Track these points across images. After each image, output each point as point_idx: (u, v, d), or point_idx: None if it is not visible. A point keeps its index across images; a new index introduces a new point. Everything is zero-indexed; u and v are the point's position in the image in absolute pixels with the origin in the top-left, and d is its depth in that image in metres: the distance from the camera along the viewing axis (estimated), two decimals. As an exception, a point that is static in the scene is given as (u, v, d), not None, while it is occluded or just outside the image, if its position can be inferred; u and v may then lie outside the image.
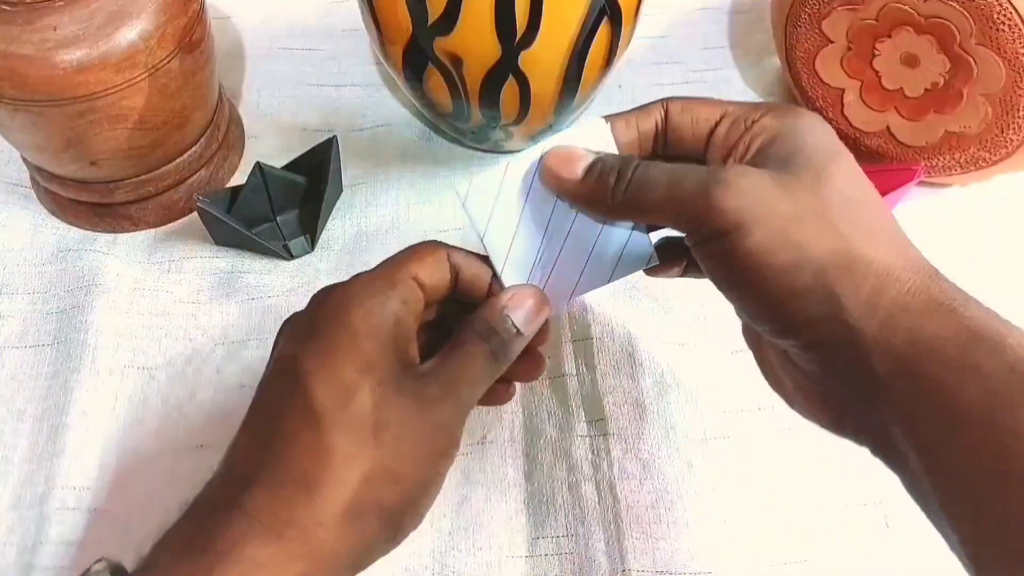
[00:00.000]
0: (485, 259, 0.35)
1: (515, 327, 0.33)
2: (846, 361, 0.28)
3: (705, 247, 0.29)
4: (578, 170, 0.32)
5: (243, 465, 0.29)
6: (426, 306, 0.33)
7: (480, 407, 0.48)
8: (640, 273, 0.36)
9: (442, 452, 0.31)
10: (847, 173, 0.29)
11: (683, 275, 0.36)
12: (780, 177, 0.29)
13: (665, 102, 0.33)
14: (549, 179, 0.33)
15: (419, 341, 0.33)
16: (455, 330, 0.33)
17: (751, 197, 0.28)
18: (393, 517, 0.29)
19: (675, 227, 0.31)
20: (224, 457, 0.30)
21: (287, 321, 0.33)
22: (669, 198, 0.30)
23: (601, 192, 0.31)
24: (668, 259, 0.36)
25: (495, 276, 0.35)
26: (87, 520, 0.44)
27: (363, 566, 0.30)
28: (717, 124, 0.32)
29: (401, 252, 0.33)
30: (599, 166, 0.32)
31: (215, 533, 0.27)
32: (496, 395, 0.36)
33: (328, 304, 0.31)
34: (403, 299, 0.31)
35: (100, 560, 0.29)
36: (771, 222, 0.28)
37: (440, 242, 0.34)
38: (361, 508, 0.28)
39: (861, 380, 0.28)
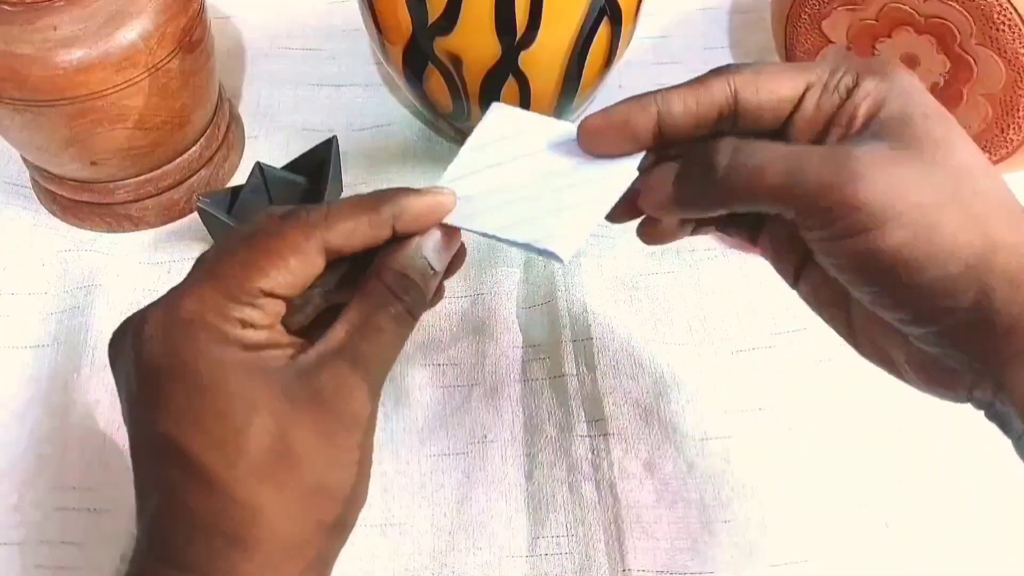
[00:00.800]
0: (385, 199, 0.29)
1: (432, 267, 0.29)
2: (983, 341, 0.26)
3: (837, 244, 0.27)
4: (667, 192, 0.29)
5: (164, 528, 0.26)
6: (299, 293, 0.28)
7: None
8: (639, 272, 0.35)
9: (359, 439, 0.27)
10: (963, 140, 0.27)
11: (693, 233, 0.34)
12: (911, 158, 0.26)
13: (728, 76, 0.29)
14: (648, 202, 0.30)
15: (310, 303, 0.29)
16: (355, 289, 0.28)
17: (894, 190, 0.26)
18: (332, 522, 0.27)
19: (790, 216, 0.27)
20: (137, 518, 0.28)
21: (113, 356, 0.29)
22: (788, 189, 0.26)
23: (702, 185, 0.28)
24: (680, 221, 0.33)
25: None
26: (87, 520, 0.44)
27: (329, 565, 0.28)
28: (802, 98, 0.28)
29: (234, 252, 0.27)
30: (685, 172, 0.29)
31: None
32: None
33: (150, 350, 0.26)
34: (248, 322, 0.27)
35: None
36: (919, 215, 0.26)
37: (306, 225, 0.28)
38: (294, 533, 0.26)
39: (997, 358, 0.26)
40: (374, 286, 0.28)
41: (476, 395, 0.48)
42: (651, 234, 0.33)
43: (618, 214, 0.32)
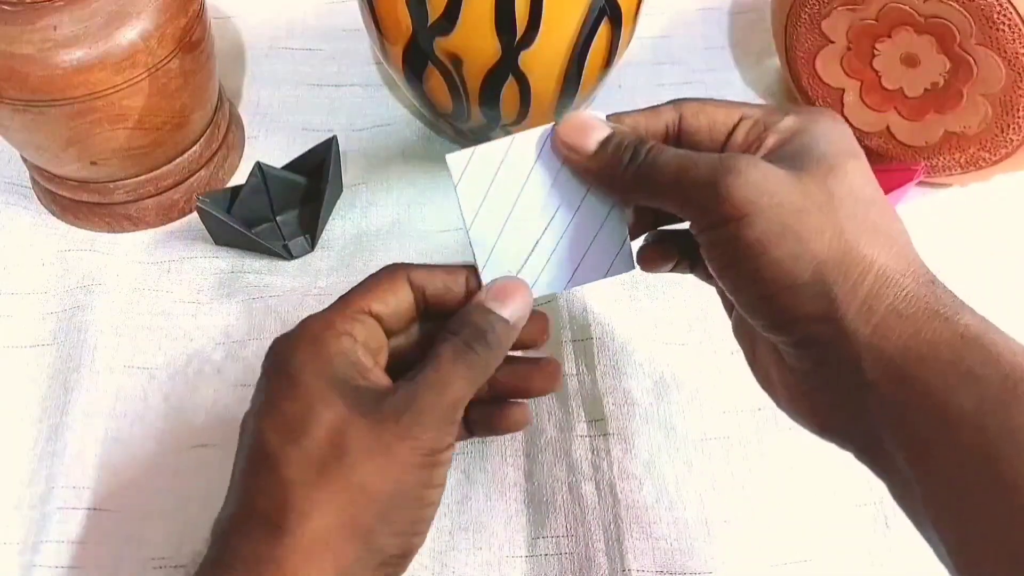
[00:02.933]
0: (460, 267, 0.34)
1: (494, 312, 0.32)
2: (837, 362, 0.28)
3: (709, 234, 0.29)
4: (592, 142, 0.32)
5: (221, 526, 0.30)
6: (395, 333, 0.33)
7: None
8: (639, 272, 0.36)
9: (415, 463, 0.29)
10: (860, 173, 0.29)
11: (674, 270, 0.37)
12: (791, 170, 0.29)
13: (679, 105, 0.33)
14: (561, 147, 0.32)
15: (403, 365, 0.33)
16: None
17: (759, 187, 0.28)
18: (368, 536, 0.29)
19: (681, 213, 0.31)
20: (212, 527, 0.31)
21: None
22: (678, 182, 0.30)
23: (612, 167, 0.31)
24: (663, 252, 0.36)
25: (475, 273, 0.34)
26: (87, 520, 0.44)
27: None
28: (735, 127, 0.32)
29: (355, 287, 0.33)
30: (615, 140, 0.31)
31: None
32: (508, 417, 0.35)
33: (272, 356, 0.31)
34: (347, 332, 0.31)
35: None
36: (776, 213, 0.28)
37: (399, 265, 0.33)
38: (329, 533, 0.28)
39: (850, 382, 0.28)
40: (446, 335, 0.31)
41: (476, 395, 0.48)
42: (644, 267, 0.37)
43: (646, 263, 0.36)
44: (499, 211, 0.33)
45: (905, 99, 0.53)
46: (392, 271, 0.33)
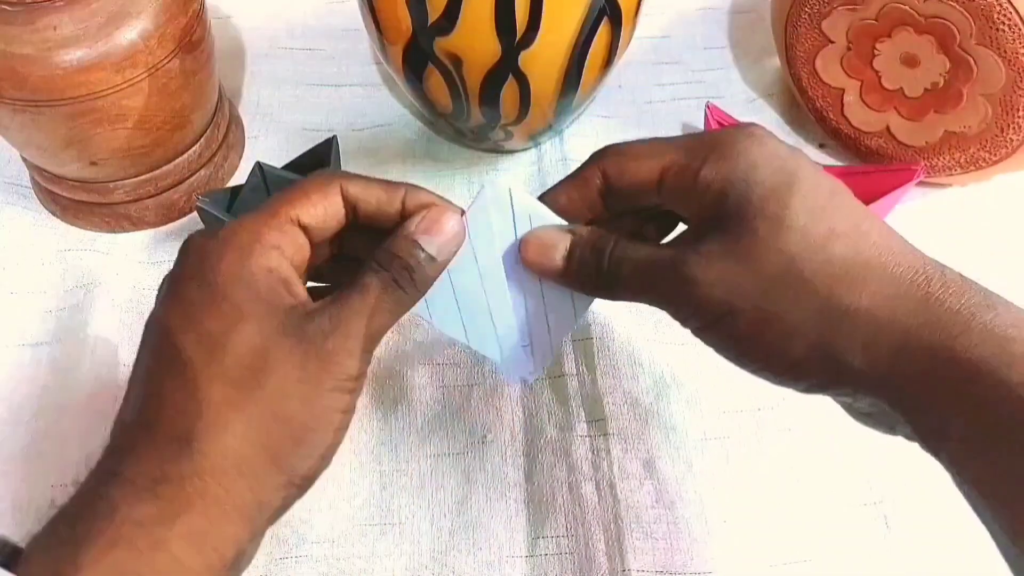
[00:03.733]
0: (398, 185, 0.32)
1: (423, 250, 0.31)
2: (854, 395, 0.29)
3: (697, 334, 0.31)
4: (557, 258, 0.33)
5: (121, 436, 0.28)
6: (319, 243, 0.32)
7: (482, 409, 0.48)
8: None
9: (334, 387, 0.29)
10: (804, 202, 0.29)
11: None
12: (741, 245, 0.29)
13: (600, 164, 0.33)
14: (532, 266, 0.33)
15: (324, 278, 0.33)
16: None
17: (722, 287, 0.29)
18: (280, 458, 0.28)
19: (666, 310, 0.32)
20: (112, 430, 0.29)
21: (162, 281, 0.31)
22: (649, 287, 0.31)
23: (585, 276, 0.32)
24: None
25: (413, 193, 0.32)
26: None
27: (265, 515, 0.28)
28: (662, 176, 0.32)
29: (283, 192, 0.31)
30: (577, 253, 0.32)
31: (96, 503, 0.26)
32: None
33: (191, 259, 0.29)
34: (275, 245, 0.29)
35: None
36: (749, 305, 0.29)
37: (335, 174, 0.32)
38: (242, 454, 0.27)
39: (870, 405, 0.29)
40: (372, 259, 0.31)
41: (476, 395, 0.48)
42: None
43: None
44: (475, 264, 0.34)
45: (905, 99, 0.53)
46: (327, 181, 0.31)
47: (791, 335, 0.28)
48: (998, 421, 0.26)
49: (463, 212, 0.33)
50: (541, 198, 0.34)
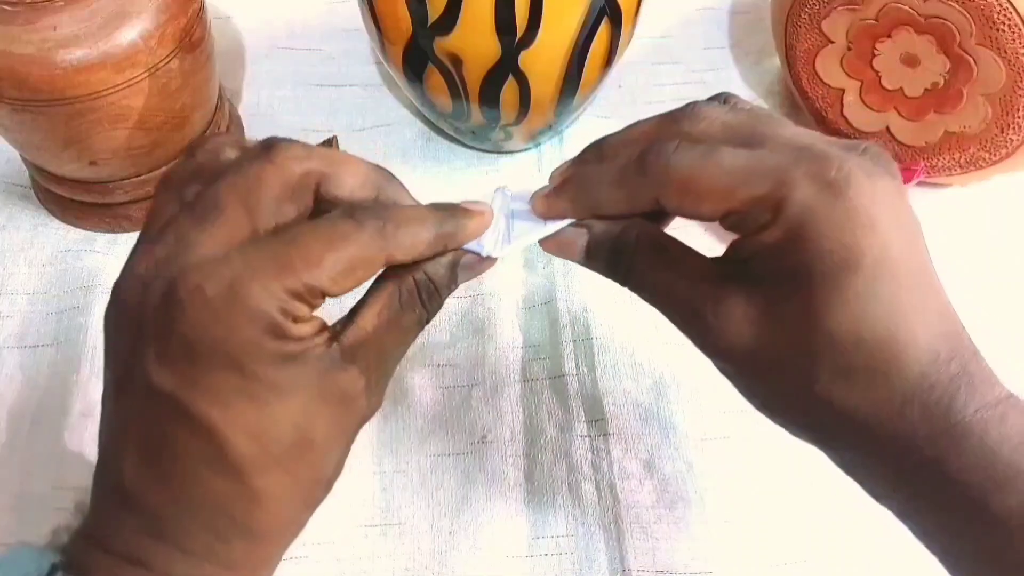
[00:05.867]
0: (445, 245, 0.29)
1: (456, 286, 0.30)
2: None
3: (711, 359, 0.30)
4: (577, 253, 0.31)
5: (160, 505, 0.26)
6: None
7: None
8: None
9: (360, 428, 0.28)
10: (852, 304, 0.25)
11: None
12: (771, 315, 0.27)
13: (656, 191, 0.28)
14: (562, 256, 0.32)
15: None
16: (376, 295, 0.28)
17: (744, 350, 0.27)
18: (313, 503, 0.28)
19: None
20: (129, 483, 0.26)
21: (130, 306, 0.27)
22: (669, 306, 0.30)
23: (608, 270, 0.31)
24: None
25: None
26: (87, 520, 0.44)
27: (294, 539, 0.29)
28: (732, 212, 0.28)
29: (311, 243, 0.26)
30: (593, 249, 0.31)
31: (163, 566, 0.26)
32: None
33: (206, 328, 0.25)
34: (300, 317, 0.26)
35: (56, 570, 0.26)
36: (763, 367, 0.28)
37: (375, 226, 0.27)
38: (296, 521, 0.28)
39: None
40: (406, 285, 0.28)
41: (476, 395, 0.48)
42: None
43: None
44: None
45: (905, 99, 0.53)
46: (371, 249, 0.27)
47: (806, 389, 0.27)
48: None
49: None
50: (555, 179, 0.31)
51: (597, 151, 0.31)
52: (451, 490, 0.45)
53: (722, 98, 0.31)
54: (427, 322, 0.29)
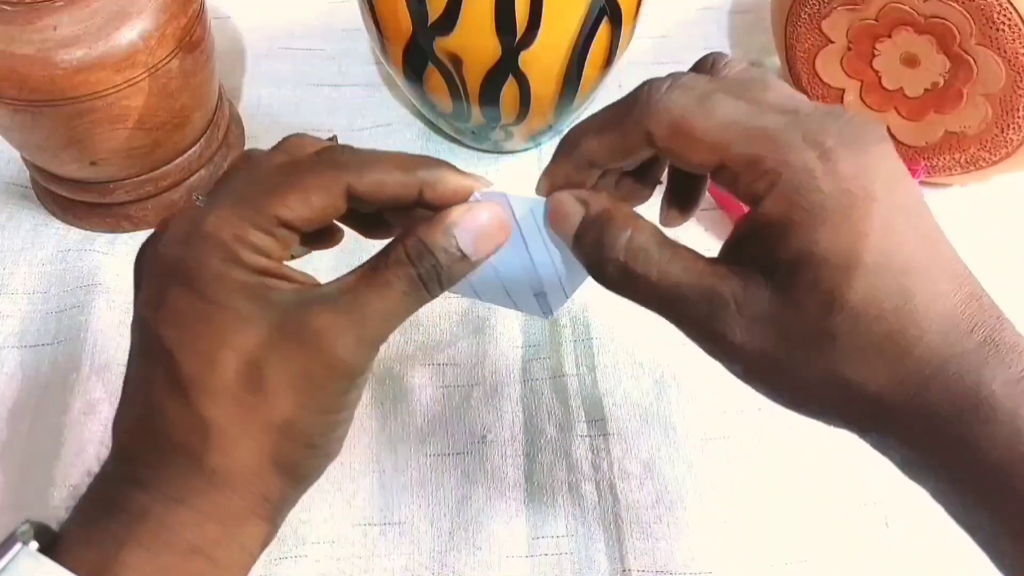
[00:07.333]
0: (416, 164, 0.28)
1: (459, 249, 0.28)
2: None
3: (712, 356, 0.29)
4: (570, 230, 0.29)
5: (130, 442, 0.27)
6: (315, 229, 0.28)
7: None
8: None
9: (340, 389, 0.27)
10: (864, 282, 0.24)
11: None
12: (782, 304, 0.26)
13: (647, 123, 0.27)
14: (555, 231, 0.30)
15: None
16: (382, 250, 0.28)
17: (752, 335, 0.26)
18: (295, 469, 0.27)
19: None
20: (112, 430, 0.28)
21: (138, 260, 0.29)
22: (667, 307, 0.28)
23: (594, 265, 0.29)
24: (680, 207, 0.32)
25: (434, 183, 0.28)
26: (87, 520, 0.44)
27: (284, 512, 0.28)
28: (725, 164, 0.26)
29: (274, 178, 0.27)
30: (582, 233, 0.28)
31: (126, 505, 0.26)
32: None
33: (174, 259, 0.27)
34: (260, 248, 0.27)
35: (25, 522, 0.26)
36: (773, 359, 0.26)
37: (339, 168, 0.27)
38: (251, 468, 0.26)
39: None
40: (397, 244, 0.28)
41: (476, 395, 0.48)
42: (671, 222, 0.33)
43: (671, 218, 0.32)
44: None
45: (905, 99, 0.53)
46: (332, 178, 0.27)
47: (825, 381, 0.26)
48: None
49: (504, 196, 0.29)
50: (569, 138, 0.30)
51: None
52: (451, 490, 0.45)
53: (710, 60, 0.30)
54: (427, 287, 0.28)
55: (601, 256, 0.28)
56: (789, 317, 0.26)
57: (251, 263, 0.26)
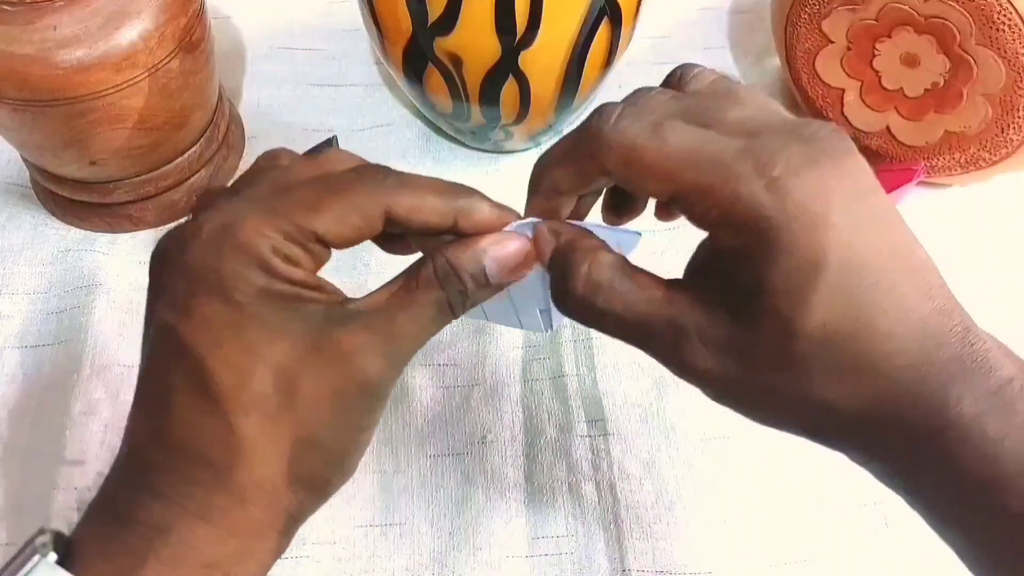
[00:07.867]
0: (455, 193, 0.28)
1: (486, 276, 0.28)
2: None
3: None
4: (544, 261, 0.29)
5: (149, 450, 0.27)
6: (347, 244, 0.28)
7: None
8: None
9: (366, 408, 0.27)
10: (822, 307, 0.24)
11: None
12: (742, 332, 0.25)
13: (601, 158, 0.27)
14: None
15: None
16: (411, 266, 0.28)
17: (716, 361, 0.26)
18: (316, 484, 0.27)
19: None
20: (125, 435, 0.28)
21: (159, 258, 0.28)
22: (633, 339, 0.28)
23: (555, 294, 0.29)
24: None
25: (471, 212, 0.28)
26: (87, 520, 0.44)
27: (299, 524, 0.28)
28: (678, 197, 0.26)
29: (311, 191, 0.27)
30: (551, 266, 0.29)
31: (143, 517, 0.26)
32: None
33: (204, 263, 0.26)
34: (297, 261, 0.27)
35: (43, 531, 0.26)
36: (738, 381, 0.27)
37: (381, 186, 0.27)
38: (276, 482, 0.26)
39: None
40: (426, 266, 0.28)
41: (476, 395, 0.48)
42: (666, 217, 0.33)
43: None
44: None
45: (905, 99, 0.53)
46: (370, 199, 0.27)
47: (788, 405, 0.26)
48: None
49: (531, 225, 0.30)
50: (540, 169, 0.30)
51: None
52: (451, 490, 0.45)
53: (678, 74, 0.30)
54: (451, 309, 0.28)
55: (562, 288, 0.28)
56: (750, 345, 0.25)
57: (286, 275, 0.26)
